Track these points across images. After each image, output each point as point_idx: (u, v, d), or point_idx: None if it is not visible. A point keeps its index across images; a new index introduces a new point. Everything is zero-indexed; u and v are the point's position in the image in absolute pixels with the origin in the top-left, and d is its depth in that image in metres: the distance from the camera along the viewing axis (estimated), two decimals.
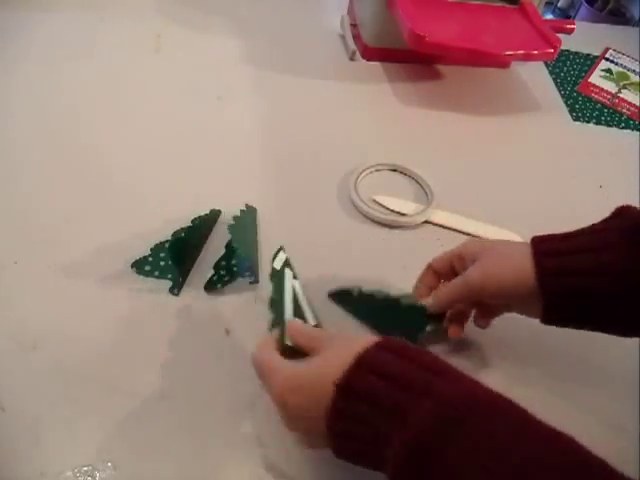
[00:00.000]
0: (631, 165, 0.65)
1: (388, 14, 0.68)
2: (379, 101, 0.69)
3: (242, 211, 0.50)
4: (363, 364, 0.29)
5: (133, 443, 0.37)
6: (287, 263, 0.42)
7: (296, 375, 0.32)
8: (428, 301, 0.42)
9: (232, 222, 0.48)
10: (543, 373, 0.44)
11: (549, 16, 2.06)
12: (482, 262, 0.38)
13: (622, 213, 0.37)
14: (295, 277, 0.42)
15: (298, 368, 0.32)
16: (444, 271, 0.43)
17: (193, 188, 0.54)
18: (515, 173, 0.61)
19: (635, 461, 0.37)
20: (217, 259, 0.45)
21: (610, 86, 0.78)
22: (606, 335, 0.37)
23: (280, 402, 0.32)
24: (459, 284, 0.39)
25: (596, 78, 0.80)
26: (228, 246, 0.48)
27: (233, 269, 0.46)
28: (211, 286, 0.46)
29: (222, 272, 0.46)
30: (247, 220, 0.51)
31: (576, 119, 0.72)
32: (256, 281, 0.47)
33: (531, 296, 0.36)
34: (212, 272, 0.46)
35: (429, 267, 0.43)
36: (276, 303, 0.38)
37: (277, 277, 0.41)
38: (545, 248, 0.37)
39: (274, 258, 0.42)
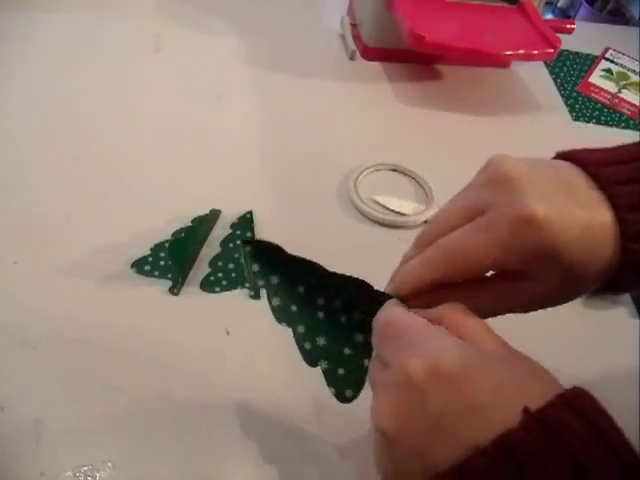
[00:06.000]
0: None
1: (388, 14, 0.68)
2: (379, 101, 0.69)
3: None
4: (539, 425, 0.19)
5: (133, 443, 0.37)
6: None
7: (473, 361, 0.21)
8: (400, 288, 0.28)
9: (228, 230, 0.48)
10: None
11: (549, 16, 2.06)
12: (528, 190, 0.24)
13: None
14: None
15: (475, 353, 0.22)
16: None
17: (193, 188, 0.54)
18: None
19: None
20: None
21: (610, 86, 0.78)
22: (605, 341, 0.36)
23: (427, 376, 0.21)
24: (480, 236, 0.25)
25: (596, 78, 0.80)
26: (223, 244, 0.48)
27: (232, 275, 0.46)
28: (207, 285, 0.46)
29: (219, 274, 0.46)
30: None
31: (576, 119, 0.72)
32: (257, 296, 0.45)
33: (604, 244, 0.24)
34: (209, 270, 0.46)
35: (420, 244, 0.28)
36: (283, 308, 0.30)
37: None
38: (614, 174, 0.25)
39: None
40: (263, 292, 0.45)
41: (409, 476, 0.21)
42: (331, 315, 0.31)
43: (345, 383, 0.30)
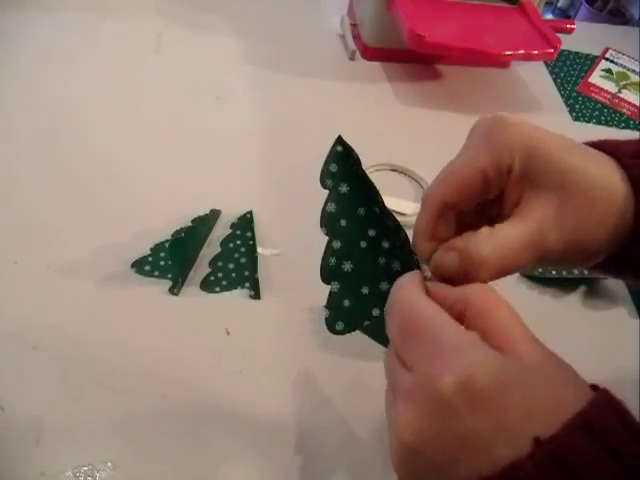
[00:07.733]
0: None
1: (388, 14, 0.68)
2: (379, 101, 0.69)
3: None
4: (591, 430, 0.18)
5: (133, 443, 0.37)
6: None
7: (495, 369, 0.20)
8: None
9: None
10: None
11: (549, 16, 2.06)
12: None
13: None
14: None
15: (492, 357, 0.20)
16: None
17: (193, 188, 0.54)
18: None
19: None
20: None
21: (610, 86, 0.78)
22: (605, 341, 0.36)
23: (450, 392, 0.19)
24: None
25: (596, 78, 0.80)
26: (223, 244, 0.48)
27: (232, 275, 0.46)
28: (207, 285, 0.46)
29: (219, 274, 0.46)
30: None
31: (576, 119, 0.72)
32: (257, 297, 0.46)
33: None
34: (209, 270, 0.46)
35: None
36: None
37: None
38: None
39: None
40: (263, 292, 0.46)
41: None
42: (373, 251, 0.29)
43: (342, 315, 0.28)
